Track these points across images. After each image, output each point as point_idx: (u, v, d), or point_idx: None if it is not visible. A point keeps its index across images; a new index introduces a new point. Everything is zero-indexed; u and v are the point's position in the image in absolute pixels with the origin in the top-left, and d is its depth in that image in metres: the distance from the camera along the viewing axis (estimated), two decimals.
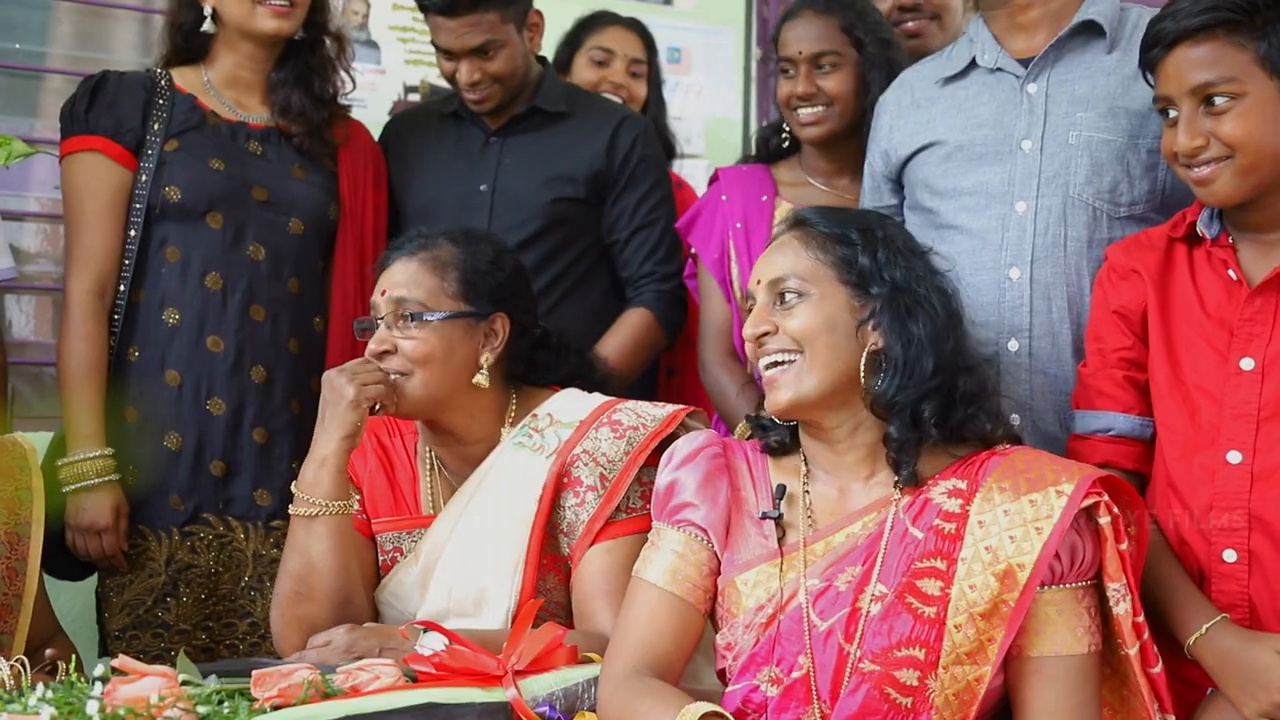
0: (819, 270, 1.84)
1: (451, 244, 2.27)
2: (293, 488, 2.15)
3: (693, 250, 2.85)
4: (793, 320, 1.82)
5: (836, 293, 1.83)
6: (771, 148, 2.88)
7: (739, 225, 2.74)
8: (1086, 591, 1.74)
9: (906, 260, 1.87)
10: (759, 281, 1.87)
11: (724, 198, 2.79)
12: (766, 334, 1.83)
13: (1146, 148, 2.17)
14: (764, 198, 2.78)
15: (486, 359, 2.24)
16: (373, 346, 2.19)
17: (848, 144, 2.72)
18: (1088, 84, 2.23)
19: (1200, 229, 1.97)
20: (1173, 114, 1.92)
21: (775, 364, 1.83)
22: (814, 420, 1.85)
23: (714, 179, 2.90)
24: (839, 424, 1.84)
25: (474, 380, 2.22)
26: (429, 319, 2.18)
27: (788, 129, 2.81)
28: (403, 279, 2.21)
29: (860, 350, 1.82)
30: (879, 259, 1.85)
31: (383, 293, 2.21)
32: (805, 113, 2.70)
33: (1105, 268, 2.09)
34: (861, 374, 1.81)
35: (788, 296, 1.84)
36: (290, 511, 2.15)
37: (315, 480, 2.12)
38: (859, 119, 2.67)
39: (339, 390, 2.12)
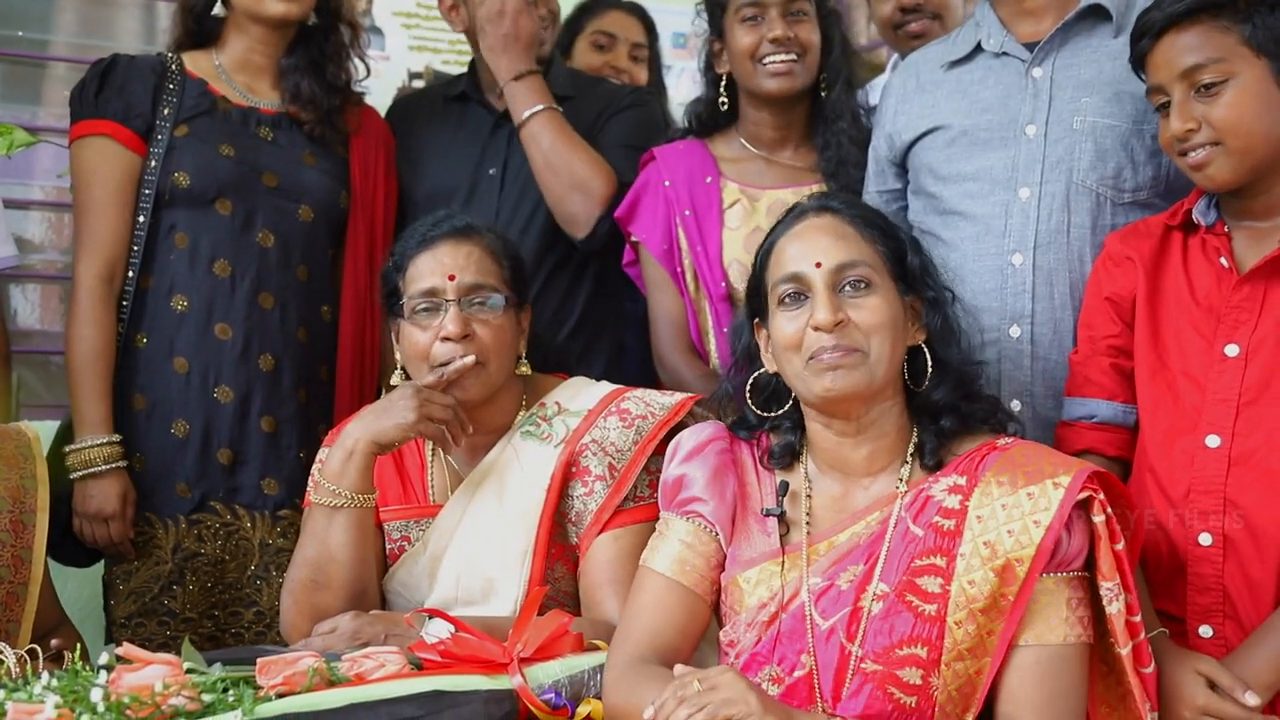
0: (879, 261, 1.84)
1: (490, 233, 2.27)
2: (315, 472, 2.14)
3: (634, 238, 2.71)
4: (866, 313, 1.79)
5: (891, 286, 1.84)
6: (704, 120, 2.75)
7: (688, 213, 2.63)
8: (1069, 583, 1.72)
9: (930, 261, 1.91)
10: (817, 264, 1.81)
11: (667, 183, 2.66)
12: (840, 323, 1.79)
13: (1151, 133, 2.16)
14: (708, 179, 2.66)
15: (523, 346, 2.26)
16: (456, 328, 2.13)
17: (798, 107, 2.66)
18: (1093, 69, 2.22)
19: (1196, 217, 1.97)
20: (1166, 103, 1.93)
21: (844, 351, 1.78)
22: (852, 414, 1.82)
23: (648, 159, 2.73)
24: (870, 417, 1.83)
25: (518, 370, 2.24)
26: (503, 305, 2.18)
27: (725, 96, 2.69)
28: (468, 263, 2.18)
29: (904, 345, 1.84)
30: (923, 260, 1.89)
31: (450, 277, 2.16)
32: (778, 60, 2.57)
33: (1103, 255, 2.10)
34: (904, 370, 1.84)
35: (858, 285, 1.81)
36: (312, 498, 2.14)
37: (342, 471, 2.10)
38: (816, 82, 2.63)
39: (404, 407, 2.09)
